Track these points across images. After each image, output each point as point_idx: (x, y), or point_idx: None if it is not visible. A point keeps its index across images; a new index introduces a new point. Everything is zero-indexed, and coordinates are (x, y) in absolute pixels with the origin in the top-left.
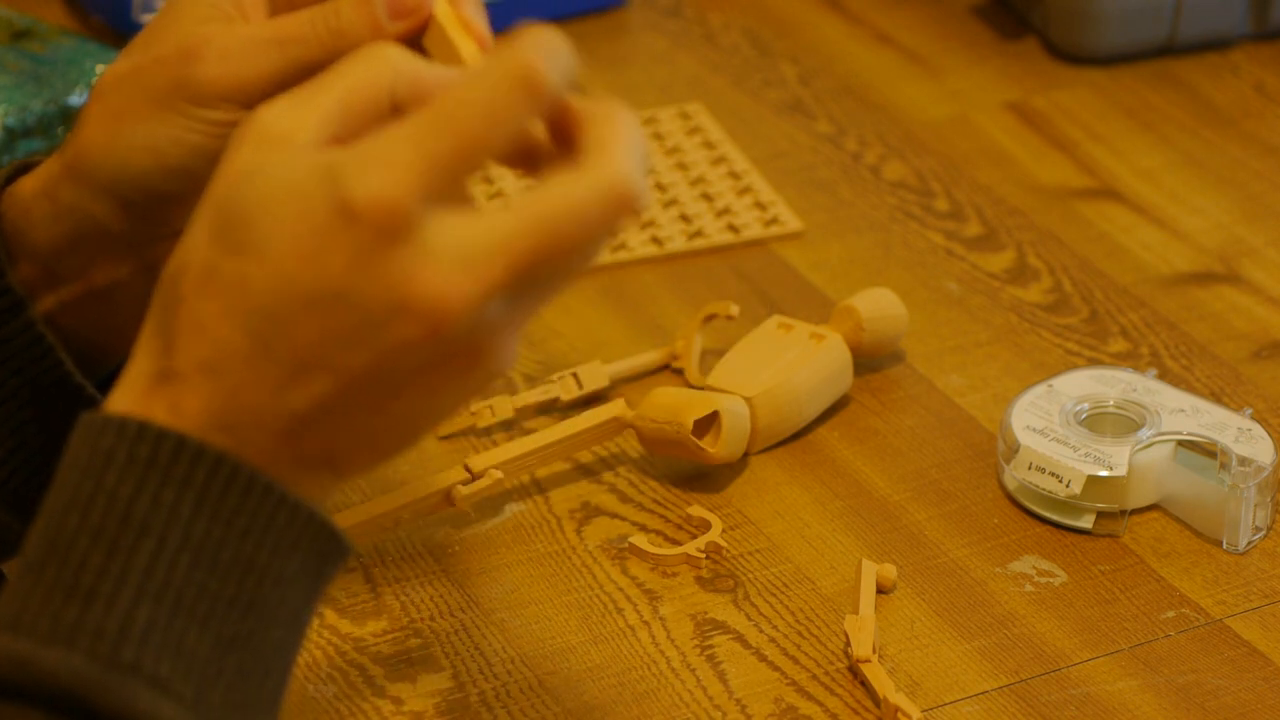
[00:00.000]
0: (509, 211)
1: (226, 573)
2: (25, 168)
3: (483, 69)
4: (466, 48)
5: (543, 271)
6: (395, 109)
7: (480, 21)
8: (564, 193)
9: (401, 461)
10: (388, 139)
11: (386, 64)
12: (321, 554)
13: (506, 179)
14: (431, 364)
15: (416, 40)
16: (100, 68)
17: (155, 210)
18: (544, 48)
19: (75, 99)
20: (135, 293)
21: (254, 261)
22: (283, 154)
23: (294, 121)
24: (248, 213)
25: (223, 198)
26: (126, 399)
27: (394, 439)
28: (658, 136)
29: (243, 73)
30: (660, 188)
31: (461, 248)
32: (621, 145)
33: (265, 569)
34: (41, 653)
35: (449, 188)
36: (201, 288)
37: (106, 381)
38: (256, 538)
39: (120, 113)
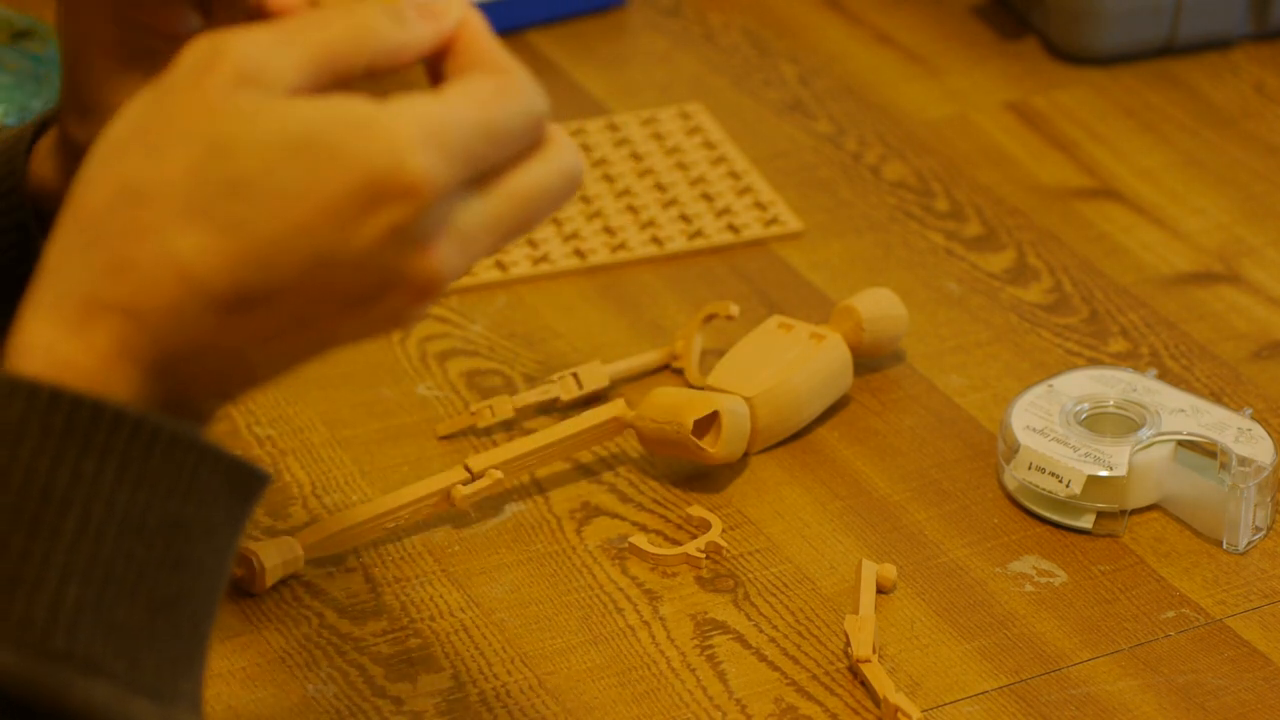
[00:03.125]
0: (498, 195)
1: (154, 536)
2: (48, 122)
3: (512, 90)
4: None
5: (505, 243)
6: (368, 71)
7: None
8: (537, 178)
9: (402, 461)
10: (440, 120)
11: (371, 29)
12: (244, 493)
13: None
14: (386, 325)
15: None
16: None
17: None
18: (539, 92)
19: None
20: None
21: (265, 206)
22: (278, 97)
23: (276, 62)
24: (261, 150)
25: (202, 131)
26: (47, 333)
27: (305, 359)
28: (658, 136)
29: None
30: (660, 188)
31: (462, 227)
32: (561, 132)
33: (192, 524)
34: None
35: (466, 185)
36: (182, 214)
37: None
38: (181, 495)
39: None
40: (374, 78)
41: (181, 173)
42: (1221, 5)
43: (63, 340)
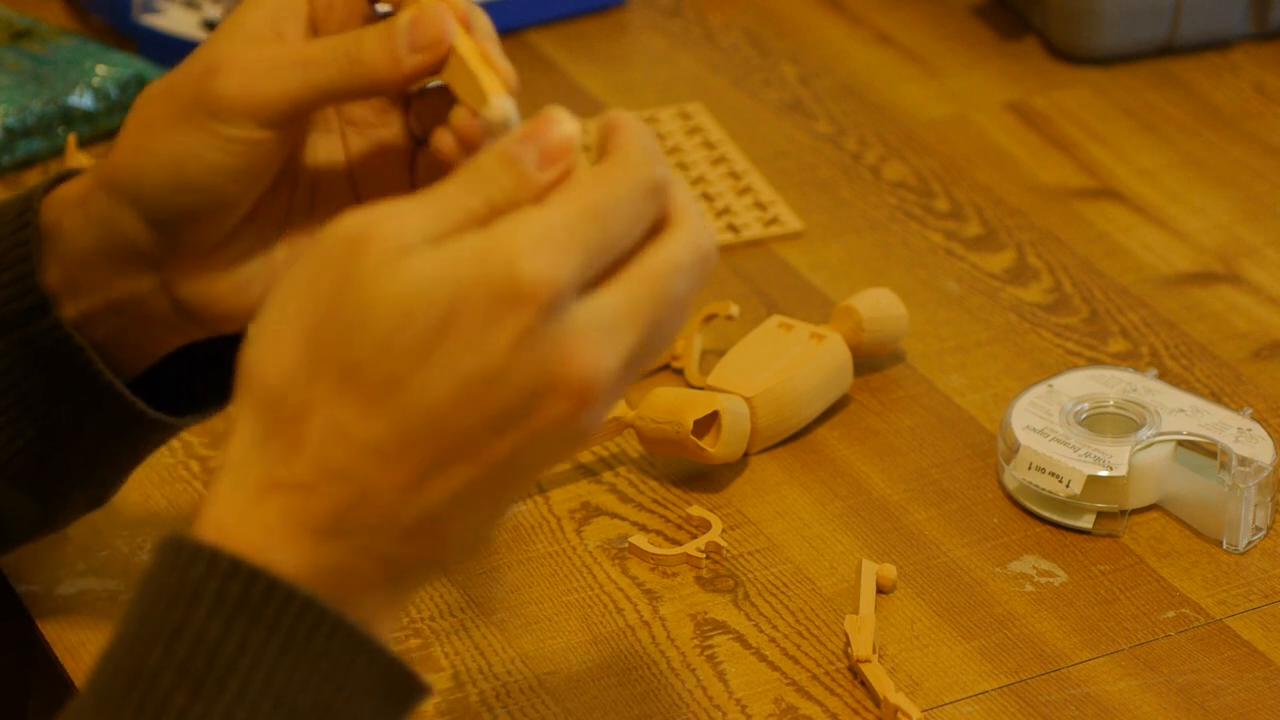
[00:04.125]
0: (627, 280)
1: (304, 716)
2: (69, 174)
3: (614, 172)
4: (489, 82)
5: (657, 337)
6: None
7: (500, 57)
8: (666, 255)
9: None
10: (541, 220)
11: (487, 203)
12: (398, 697)
13: None
14: (564, 442)
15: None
16: (101, 68)
17: (175, 226)
18: (655, 152)
19: (75, 99)
20: (149, 309)
21: (410, 360)
22: (401, 254)
23: (419, 238)
24: (390, 310)
25: (354, 301)
26: (228, 511)
27: (492, 526)
28: (658, 136)
29: (262, 89)
30: None
31: (600, 321)
32: (692, 209)
33: (341, 712)
34: None
35: (589, 278)
36: (339, 394)
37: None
38: (337, 683)
39: (148, 125)
40: None
41: (335, 347)
42: (1221, 5)
43: (237, 517)
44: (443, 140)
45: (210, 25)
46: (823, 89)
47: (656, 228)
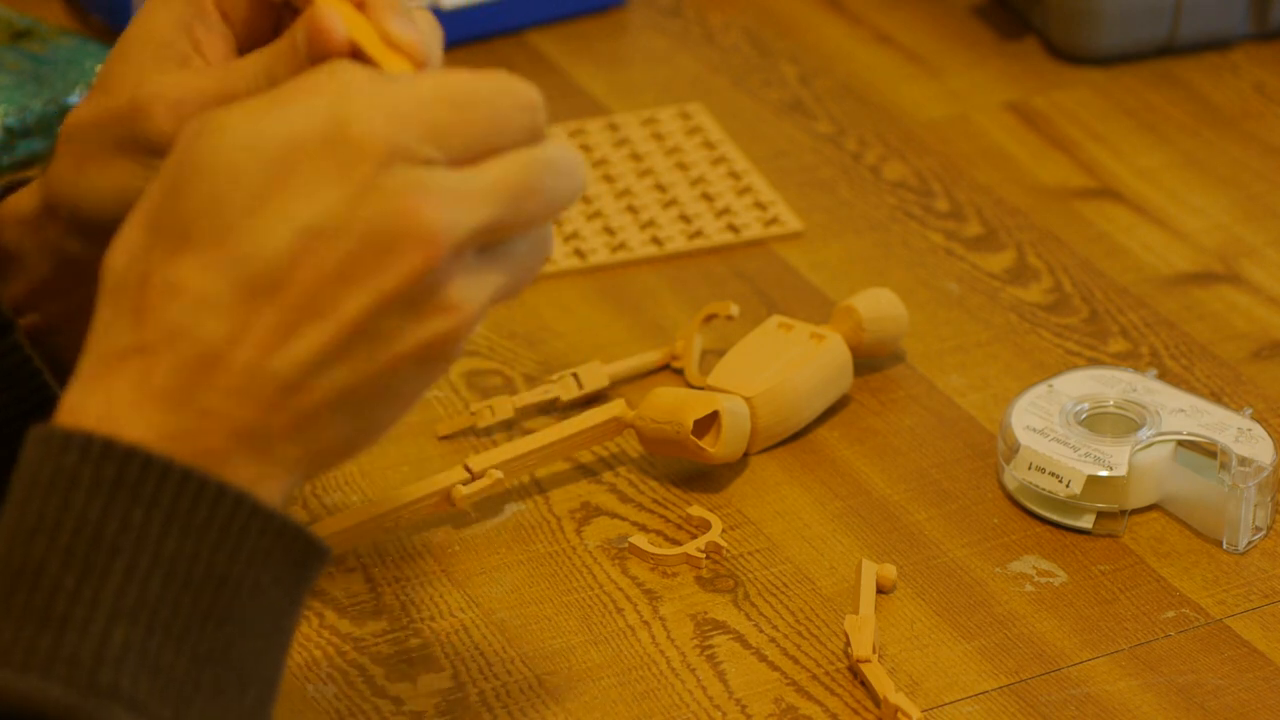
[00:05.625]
0: (490, 162)
1: (199, 588)
2: (19, 184)
3: (486, 74)
4: (395, 67)
5: (515, 231)
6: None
7: (407, 34)
8: (534, 151)
9: (402, 461)
10: (391, 94)
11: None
12: (297, 561)
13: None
14: (420, 314)
15: None
16: (100, 68)
17: None
18: (532, 89)
19: (75, 99)
20: None
21: (240, 209)
22: (248, 114)
23: (237, 106)
24: (226, 165)
25: (184, 163)
26: (83, 390)
27: (367, 418)
28: (658, 136)
29: None
30: (660, 188)
31: (449, 184)
32: (566, 140)
33: (239, 581)
34: (17, 681)
35: (437, 155)
36: (175, 250)
37: None
38: (229, 551)
39: (83, 158)
40: None
41: (168, 217)
42: (1221, 5)
43: (88, 393)
44: None
45: None
46: (823, 89)
47: (530, 138)
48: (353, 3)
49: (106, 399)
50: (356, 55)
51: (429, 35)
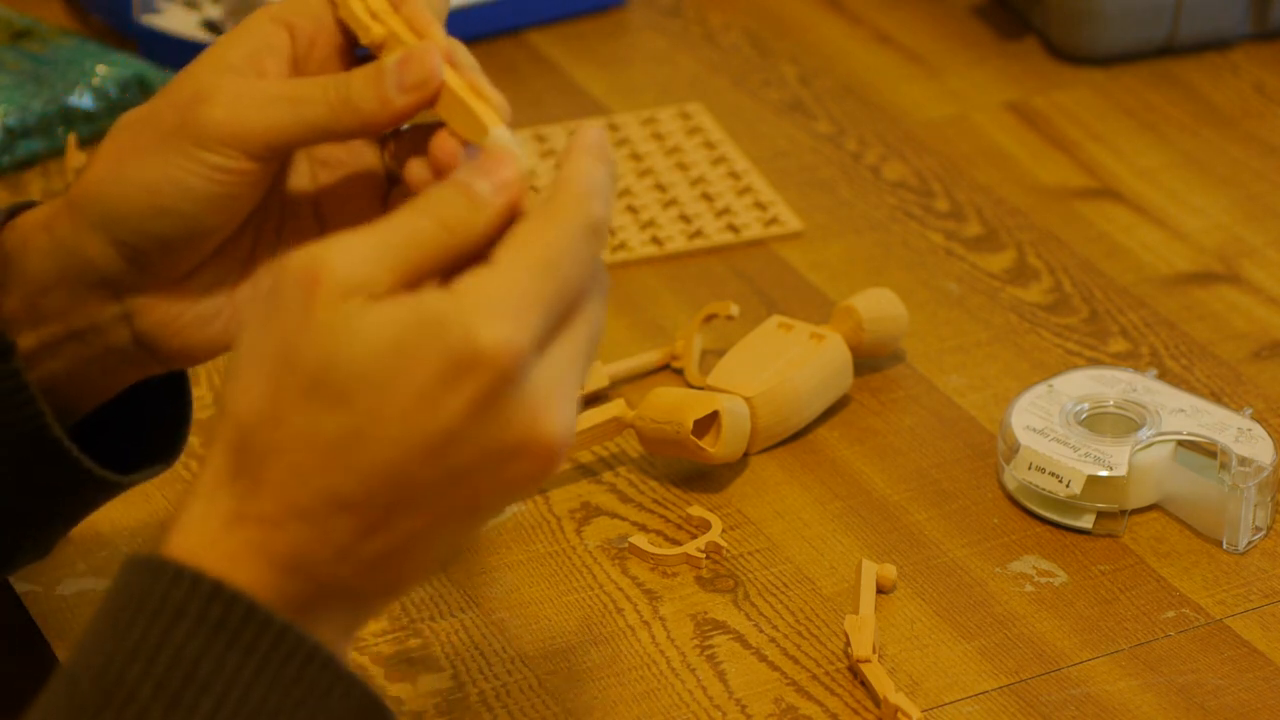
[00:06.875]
0: (573, 331)
1: None
2: (28, 205)
3: (555, 214)
4: (486, 115)
5: (587, 369)
6: (447, 267)
7: (490, 88)
8: (595, 308)
9: None
10: (499, 284)
11: (453, 224)
12: None
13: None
14: (527, 489)
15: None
16: (101, 68)
17: (144, 252)
18: (601, 190)
19: (75, 99)
20: (110, 340)
21: (367, 415)
22: (373, 304)
23: (368, 271)
24: (351, 365)
25: (313, 352)
26: (202, 536)
27: (453, 552)
28: (658, 136)
29: (249, 120)
30: (660, 188)
31: (557, 376)
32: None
33: None
34: None
35: (547, 332)
36: (300, 441)
37: (75, 430)
38: (310, 710)
39: (126, 150)
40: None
41: (297, 393)
42: (1221, 5)
43: (206, 542)
44: (417, 171)
45: (210, 25)
46: (823, 89)
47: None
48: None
49: (226, 551)
50: (443, 96)
51: (462, 50)
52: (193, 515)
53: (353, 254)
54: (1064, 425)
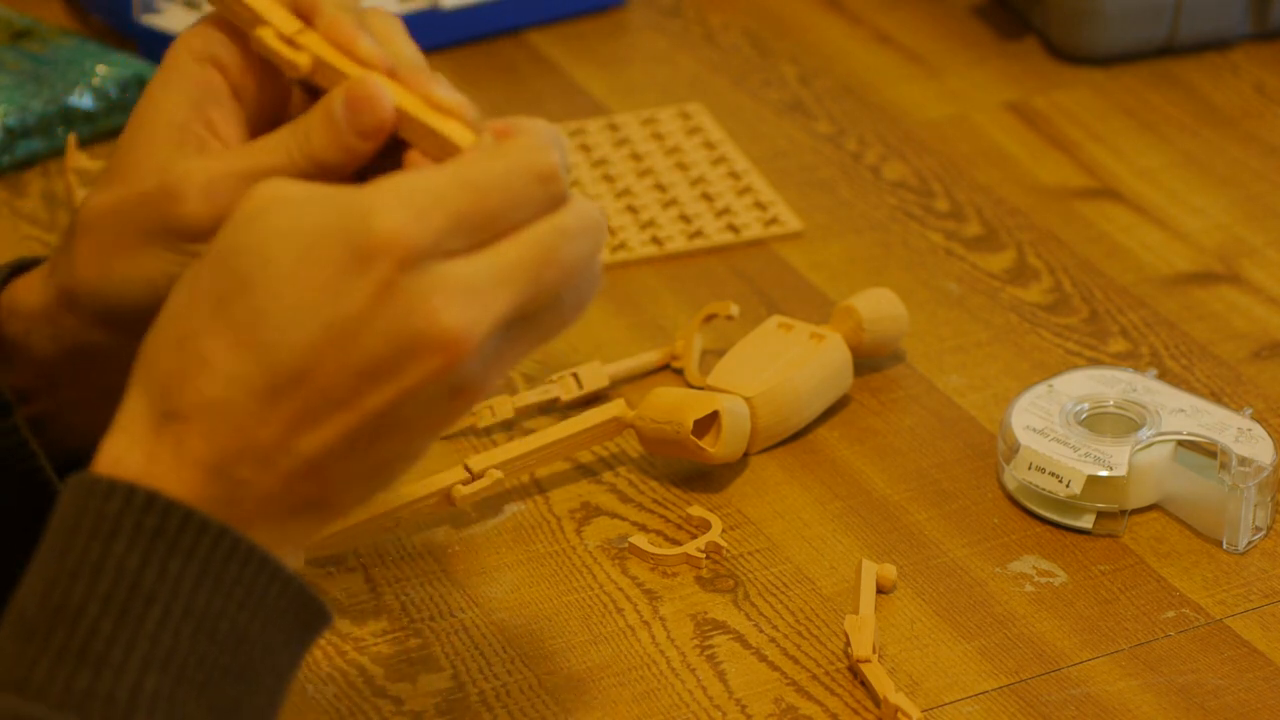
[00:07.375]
0: (505, 244)
1: (223, 642)
2: (23, 267)
3: (501, 151)
4: (455, 133)
5: (537, 304)
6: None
7: (454, 99)
8: (550, 222)
9: None
10: (411, 183)
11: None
12: (306, 624)
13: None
14: (440, 399)
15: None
16: (101, 68)
17: None
18: (557, 144)
19: (75, 99)
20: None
21: (269, 294)
22: (289, 200)
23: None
24: (259, 248)
25: (226, 243)
26: (123, 446)
27: (383, 477)
28: (658, 136)
29: (228, 206)
30: (660, 188)
31: (466, 278)
32: (581, 198)
33: (257, 639)
34: (54, 718)
35: (457, 245)
36: (208, 325)
37: None
38: (251, 609)
39: (109, 248)
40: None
41: (206, 290)
42: (1221, 5)
43: (128, 449)
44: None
45: None
46: (823, 89)
47: (548, 207)
48: (384, 73)
49: (147, 458)
50: (403, 123)
51: (399, 38)
52: (117, 429)
53: (295, 188)
54: (1064, 425)
